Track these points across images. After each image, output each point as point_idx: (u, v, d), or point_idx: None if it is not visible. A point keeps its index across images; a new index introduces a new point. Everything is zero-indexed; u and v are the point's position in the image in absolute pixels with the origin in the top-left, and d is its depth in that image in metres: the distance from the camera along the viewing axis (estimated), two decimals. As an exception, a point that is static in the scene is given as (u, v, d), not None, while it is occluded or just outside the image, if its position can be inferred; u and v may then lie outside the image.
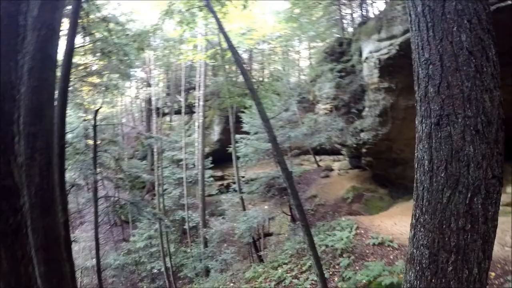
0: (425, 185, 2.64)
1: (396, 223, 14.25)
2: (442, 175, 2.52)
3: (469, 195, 2.44)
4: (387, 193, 19.91)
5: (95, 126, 13.99)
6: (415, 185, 2.81)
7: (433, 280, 2.58)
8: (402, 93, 14.57)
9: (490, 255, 2.60)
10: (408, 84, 13.59)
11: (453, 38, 2.47)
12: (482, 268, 2.52)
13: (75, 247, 22.57)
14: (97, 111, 14.54)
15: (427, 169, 2.62)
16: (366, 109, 17.41)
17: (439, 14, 2.53)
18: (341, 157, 27.16)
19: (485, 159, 2.42)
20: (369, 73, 15.29)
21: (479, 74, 2.42)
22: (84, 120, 17.66)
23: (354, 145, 19.20)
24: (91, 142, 16.10)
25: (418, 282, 2.68)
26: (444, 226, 2.53)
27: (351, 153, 21.74)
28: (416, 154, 2.79)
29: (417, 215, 2.74)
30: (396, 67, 13.36)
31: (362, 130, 17.97)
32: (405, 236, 12.56)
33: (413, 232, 2.80)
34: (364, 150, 18.86)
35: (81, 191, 29.65)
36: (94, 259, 19.59)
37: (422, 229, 2.68)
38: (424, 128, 2.65)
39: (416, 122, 2.77)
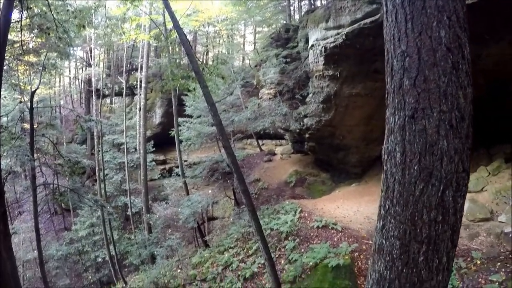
0: (397, 177, 2.65)
1: (338, 206, 14.78)
2: (415, 168, 2.54)
3: (441, 188, 2.49)
4: (329, 177, 20.56)
5: (31, 109, 13.25)
6: (384, 176, 2.81)
7: (404, 270, 2.63)
8: (346, 81, 14.96)
9: (457, 243, 2.70)
10: (353, 72, 14.05)
11: (432, 33, 2.47)
12: (450, 257, 2.62)
13: (14, 239, 21.56)
14: (33, 92, 13.71)
15: (399, 161, 2.63)
16: (310, 95, 17.71)
17: (419, 7, 2.51)
18: (283, 141, 27.56)
19: (457, 154, 2.48)
20: (314, 60, 15.49)
21: (455, 71, 2.46)
22: (20, 102, 16.66)
23: (298, 130, 19.54)
24: (27, 126, 15.10)
25: (388, 272, 2.72)
26: (416, 218, 2.57)
27: (294, 138, 22.11)
28: (385, 146, 2.78)
29: (387, 206, 2.75)
30: (341, 56, 13.64)
31: (305, 116, 18.29)
32: (348, 219, 13.10)
33: (381, 223, 2.82)
34: (307, 135, 19.25)
35: (18, 179, 28.08)
36: (35, 251, 18.62)
37: (392, 220, 2.70)
38: (396, 120, 2.63)
39: (387, 114, 2.75)
